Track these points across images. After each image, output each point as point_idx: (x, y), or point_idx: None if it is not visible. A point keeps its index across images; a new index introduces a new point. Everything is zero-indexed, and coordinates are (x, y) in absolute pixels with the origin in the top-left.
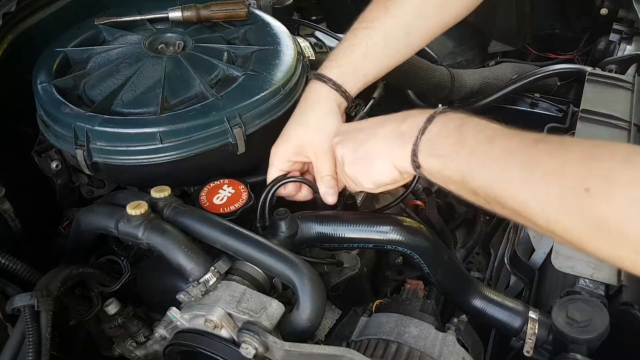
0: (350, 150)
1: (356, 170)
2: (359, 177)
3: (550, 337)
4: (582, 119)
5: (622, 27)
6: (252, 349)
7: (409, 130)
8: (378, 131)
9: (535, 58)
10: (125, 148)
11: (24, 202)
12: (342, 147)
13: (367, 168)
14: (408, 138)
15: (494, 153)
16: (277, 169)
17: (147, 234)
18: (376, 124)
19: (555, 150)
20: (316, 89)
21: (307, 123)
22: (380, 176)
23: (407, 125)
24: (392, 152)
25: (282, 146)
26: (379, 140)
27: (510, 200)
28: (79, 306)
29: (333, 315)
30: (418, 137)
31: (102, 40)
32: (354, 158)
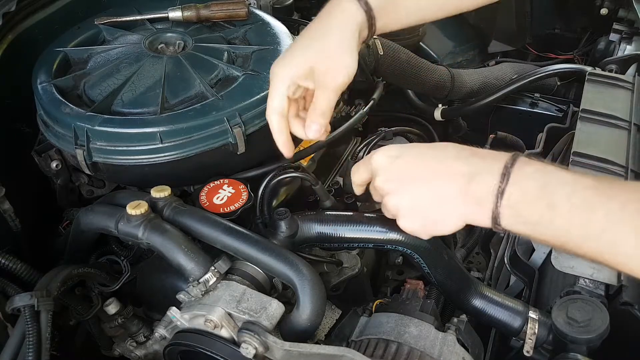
0: (407, 205)
1: (413, 225)
2: (413, 228)
3: (550, 337)
4: (582, 119)
5: (622, 27)
6: (252, 348)
7: (481, 194)
8: (440, 188)
9: (535, 58)
10: (125, 148)
11: (24, 202)
12: (396, 198)
13: (430, 225)
14: (484, 203)
15: (597, 223)
16: (282, 93)
17: (147, 233)
18: (434, 174)
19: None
20: (343, 6)
21: (326, 46)
22: (445, 232)
23: (477, 187)
24: (466, 215)
25: (290, 66)
26: (445, 201)
27: (623, 265)
28: (79, 306)
29: (333, 315)
30: (497, 203)
31: (102, 40)
32: (413, 213)
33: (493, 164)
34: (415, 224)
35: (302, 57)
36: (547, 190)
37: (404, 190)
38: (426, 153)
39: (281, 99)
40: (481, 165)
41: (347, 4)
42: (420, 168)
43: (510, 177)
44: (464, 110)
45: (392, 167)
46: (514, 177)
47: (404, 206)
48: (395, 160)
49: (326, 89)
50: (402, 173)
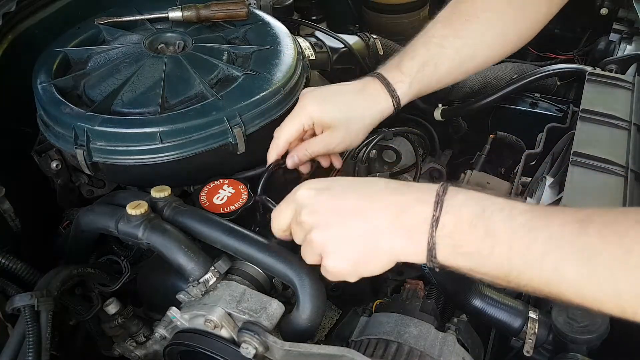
0: (335, 239)
1: (341, 264)
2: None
3: (550, 337)
4: (582, 118)
5: (622, 27)
6: (252, 348)
7: (415, 225)
8: (370, 221)
9: (535, 58)
10: (125, 148)
11: (24, 202)
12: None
13: (359, 263)
14: (417, 234)
15: (539, 248)
16: (300, 124)
17: (147, 233)
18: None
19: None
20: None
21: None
22: (374, 271)
23: (410, 217)
24: (397, 250)
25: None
26: (375, 235)
27: (573, 297)
28: (79, 306)
29: (333, 315)
30: (432, 233)
31: (102, 40)
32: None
33: (424, 193)
34: (343, 262)
35: (333, 111)
36: (484, 216)
37: (332, 223)
38: (354, 185)
39: (297, 129)
40: (412, 195)
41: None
42: (348, 200)
43: (444, 205)
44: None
45: (319, 199)
46: (447, 205)
47: (331, 241)
48: (321, 192)
49: (328, 150)
50: (329, 205)
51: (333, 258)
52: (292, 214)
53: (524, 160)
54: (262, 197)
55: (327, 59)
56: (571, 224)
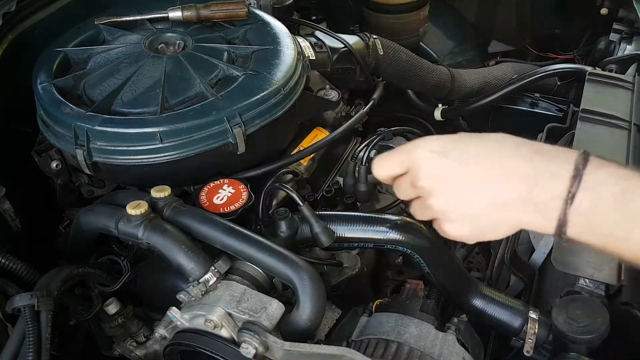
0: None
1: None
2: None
3: (550, 337)
4: (582, 118)
5: (622, 27)
6: (252, 348)
7: (547, 200)
8: (497, 193)
9: (535, 58)
10: (125, 148)
11: (24, 202)
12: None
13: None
14: (549, 209)
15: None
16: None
17: (147, 233)
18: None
19: None
20: None
21: None
22: (494, 237)
23: (542, 193)
24: (523, 223)
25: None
26: (501, 209)
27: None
28: (79, 306)
29: (333, 315)
30: (565, 210)
31: (102, 40)
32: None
33: (561, 165)
34: (463, 230)
35: None
36: (624, 199)
37: (454, 193)
38: (478, 149)
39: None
40: (546, 167)
41: None
42: (471, 168)
43: (582, 181)
44: (464, 110)
45: (440, 165)
46: (586, 181)
47: (454, 211)
48: (443, 157)
49: None
50: (452, 173)
51: (455, 226)
52: (402, 170)
53: None
54: None
55: (327, 59)
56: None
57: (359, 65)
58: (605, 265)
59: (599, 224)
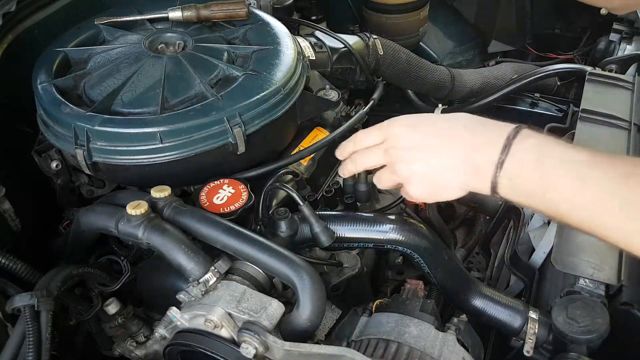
0: (419, 172)
1: (422, 192)
2: (422, 198)
3: (550, 337)
4: (582, 118)
5: (622, 27)
6: (252, 348)
7: (483, 165)
8: (448, 159)
9: (535, 58)
10: (125, 148)
11: (24, 202)
12: (410, 166)
13: (435, 191)
14: (485, 172)
15: (588, 197)
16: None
17: (147, 233)
18: (443, 144)
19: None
20: None
21: None
22: (448, 198)
23: (480, 158)
24: (467, 183)
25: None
26: (451, 171)
27: (612, 236)
28: (79, 306)
29: (333, 315)
30: (496, 173)
31: (102, 40)
32: (423, 180)
33: (496, 136)
34: (422, 190)
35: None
36: (543, 163)
37: (417, 160)
38: (440, 124)
39: (372, 142)
40: (486, 137)
41: None
42: (432, 138)
43: (510, 150)
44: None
45: (409, 137)
46: (513, 150)
47: (414, 173)
48: (411, 129)
49: None
50: (416, 142)
51: (415, 187)
52: (379, 140)
53: None
54: None
55: (327, 59)
56: (617, 177)
57: (359, 65)
58: (605, 265)
59: (523, 186)
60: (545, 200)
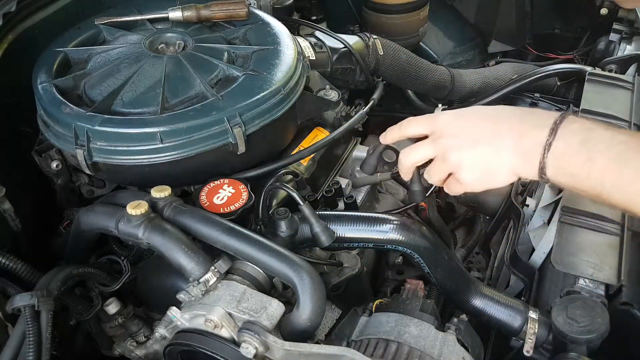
0: (469, 158)
1: (473, 177)
2: (474, 184)
3: (550, 337)
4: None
5: (622, 27)
6: (252, 348)
7: (532, 148)
8: (497, 143)
9: (535, 58)
10: (125, 148)
11: (24, 202)
12: (460, 153)
13: (487, 177)
14: (533, 156)
15: (628, 175)
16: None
17: (148, 233)
18: (493, 134)
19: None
20: None
21: None
22: (500, 184)
23: (529, 142)
24: (516, 167)
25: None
26: (500, 155)
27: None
28: (79, 306)
29: (333, 315)
30: (544, 154)
31: (102, 40)
32: (474, 166)
33: (543, 121)
34: (474, 175)
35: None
36: (587, 145)
37: (467, 146)
38: (485, 113)
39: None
40: (533, 122)
41: None
42: (480, 126)
43: (557, 132)
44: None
45: (457, 125)
46: (560, 132)
47: (465, 159)
48: (459, 118)
49: None
50: (464, 130)
51: (466, 172)
52: (425, 130)
53: None
54: None
55: (327, 59)
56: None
57: (359, 65)
58: (605, 265)
59: (568, 165)
60: (589, 180)
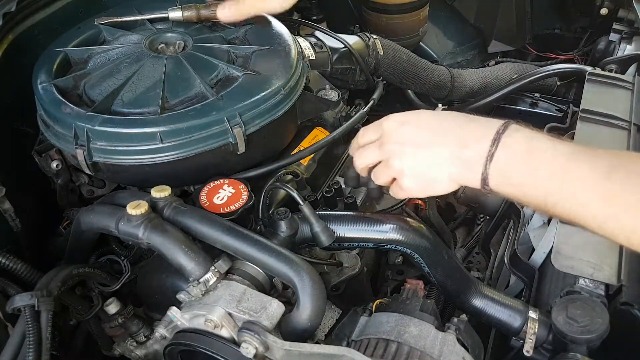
0: (409, 165)
1: (413, 184)
2: (414, 191)
3: (550, 337)
4: (582, 118)
5: (622, 27)
6: (252, 348)
7: (474, 157)
8: (437, 153)
9: (535, 58)
10: (125, 148)
11: (24, 202)
12: (401, 160)
13: (427, 185)
14: (475, 165)
15: (572, 186)
16: None
17: (148, 233)
18: (433, 139)
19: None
20: None
21: None
22: (441, 192)
23: (470, 152)
24: (457, 176)
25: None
26: (439, 164)
27: (596, 228)
28: (79, 306)
29: (333, 315)
30: (486, 165)
31: (102, 40)
32: (413, 173)
33: (486, 130)
34: (414, 183)
35: None
36: (532, 154)
37: (409, 154)
38: (429, 121)
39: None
40: (475, 131)
41: None
42: (422, 134)
43: (500, 143)
44: (463, 110)
45: (401, 132)
46: (503, 143)
47: (406, 167)
48: (403, 125)
49: None
50: (407, 137)
51: (407, 180)
52: (376, 137)
53: None
54: None
55: (327, 59)
56: (601, 169)
57: (359, 65)
58: (605, 265)
59: (512, 176)
60: (533, 191)
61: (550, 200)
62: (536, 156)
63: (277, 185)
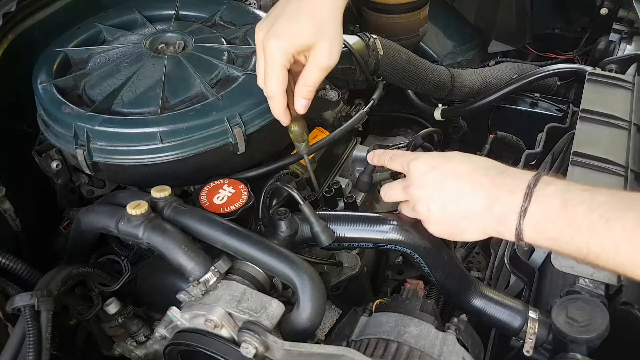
0: (437, 215)
1: (439, 230)
2: (439, 234)
3: (550, 337)
4: (582, 118)
5: (622, 27)
6: (252, 348)
7: (505, 213)
8: (466, 208)
9: (535, 58)
10: (125, 148)
11: (24, 202)
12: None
13: (454, 234)
14: (507, 220)
15: (614, 237)
16: (283, 72)
17: (148, 233)
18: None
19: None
20: None
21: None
22: (468, 240)
23: (501, 208)
24: (489, 229)
25: (288, 41)
26: (471, 217)
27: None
28: (79, 306)
29: (333, 314)
30: (519, 221)
31: (103, 40)
32: (441, 222)
33: (516, 184)
34: (441, 231)
35: (300, 30)
36: (568, 208)
37: (436, 201)
38: (458, 169)
39: (283, 79)
40: (506, 186)
41: None
42: (451, 185)
43: (533, 197)
44: (464, 110)
45: (428, 177)
46: (535, 197)
47: (432, 214)
48: (432, 169)
49: (326, 67)
50: (435, 185)
51: (433, 226)
52: (404, 172)
53: (524, 160)
54: None
55: None
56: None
57: (359, 65)
58: None
59: (548, 231)
60: (573, 244)
61: (592, 252)
62: (572, 209)
63: (277, 185)
